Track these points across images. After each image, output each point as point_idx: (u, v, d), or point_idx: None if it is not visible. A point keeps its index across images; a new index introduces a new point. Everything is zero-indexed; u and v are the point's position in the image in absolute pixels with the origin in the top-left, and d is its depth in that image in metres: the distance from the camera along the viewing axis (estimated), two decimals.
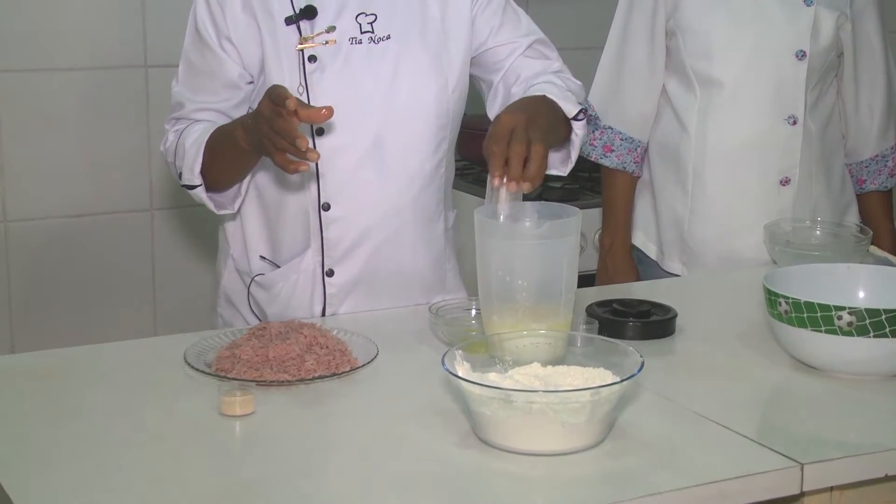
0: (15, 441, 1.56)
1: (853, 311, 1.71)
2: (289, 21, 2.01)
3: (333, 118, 1.81)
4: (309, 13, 2.01)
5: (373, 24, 2.04)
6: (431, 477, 1.47)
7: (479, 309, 1.86)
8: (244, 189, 2.08)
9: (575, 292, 1.79)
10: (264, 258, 2.13)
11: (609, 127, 2.63)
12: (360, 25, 2.04)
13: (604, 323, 1.93)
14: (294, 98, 1.76)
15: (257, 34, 2.02)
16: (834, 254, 2.27)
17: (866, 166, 2.69)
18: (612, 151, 2.63)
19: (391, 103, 2.04)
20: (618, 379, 1.52)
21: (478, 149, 2.27)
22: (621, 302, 2.00)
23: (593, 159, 2.65)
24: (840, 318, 1.72)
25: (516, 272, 1.75)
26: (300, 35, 2.01)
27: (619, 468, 1.48)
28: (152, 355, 1.88)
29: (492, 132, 1.83)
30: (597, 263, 2.76)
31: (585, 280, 2.21)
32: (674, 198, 2.60)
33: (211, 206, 2.06)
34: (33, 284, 3.09)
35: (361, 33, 2.04)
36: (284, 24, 2.01)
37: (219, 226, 2.21)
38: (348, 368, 1.77)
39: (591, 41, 3.01)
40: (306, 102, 1.96)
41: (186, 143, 2.03)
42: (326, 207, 2.06)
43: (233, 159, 1.99)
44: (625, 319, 1.95)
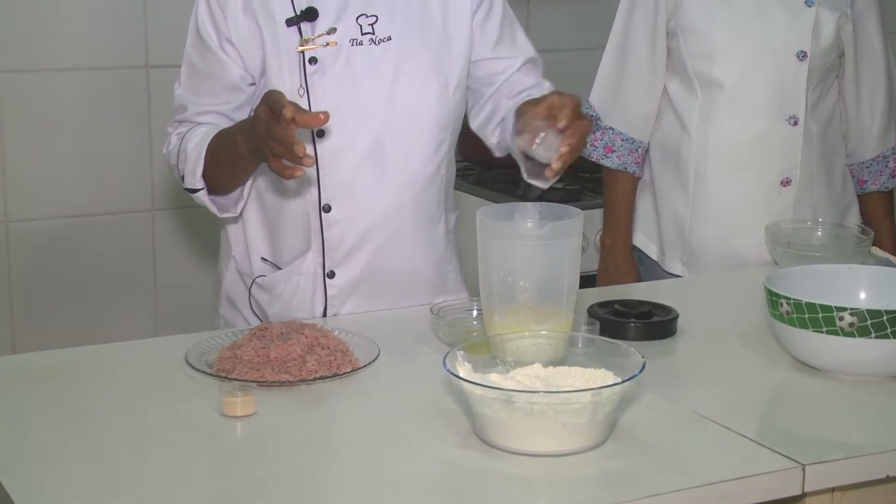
0: (16, 441, 1.56)
1: (854, 312, 1.71)
2: (290, 22, 2.01)
3: (334, 120, 1.81)
4: (310, 15, 2.01)
5: (374, 26, 2.04)
6: (432, 477, 1.47)
7: (481, 310, 1.86)
8: (247, 192, 2.08)
9: (577, 293, 1.79)
10: (265, 260, 2.13)
11: (610, 128, 2.62)
12: (361, 27, 2.04)
13: (605, 324, 1.93)
14: (291, 106, 1.75)
15: (258, 36, 2.02)
16: (835, 254, 2.27)
17: (867, 167, 2.68)
18: (613, 152, 2.62)
19: (392, 105, 2.04)
20: (619, 380, 1.52)
21: (478, 150, 2.28)
22: (622, 303, 2.00)
23: (594, 160, 2.65)
24: (841, 319, 1.72)
25: (518, 273, 1.75)
26: (301, 36, 2.01)
27: (621, 469, 1.48)
28: (153, 356, 1.88)
29: (550, 100, 1.82)
30: (598, 264, 2.77)
31: (587, 281, 2.20)
32: (675, 198, 2.60)
33: (213, 210, 2.06)
34: (34, 285, 3.09)
35: (362, 35, 2.04)
36: (285, 26, 2.01)
37: (220, 227, 2.21)
38: (349, 369, 1.77)
39: (592, 42, 3.02)
40: (303, 107, 1.96)
41: (189, 147, 2.02)
42: (327, 209, 2.06)
43: (234, 164, 1.98)
44: (626, 320, 1.95)
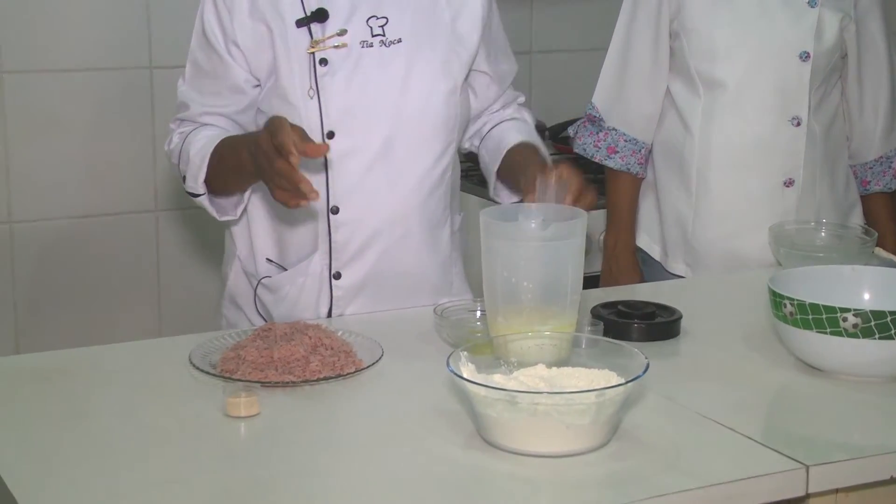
0: (20, 442, 1.56)
1: (858, 313, 1.71)
2: (300, 23, 2.01)
3: (343, 121, 1.81)
4: (320, 16, 2.01)
5: (384, 28, 2.04)
6: (436, 478, 1.47)
7: (484, 310, 1.86)
8: (246, 196, 2.08)
9: (580, 294, 1.79)
10: (271, 261, 2.13)
11: (613, 128, 2.62)
12: (372, 28, 2.04)
13: (609, 324, 1.93)
14: (291, 139, 1.75)
15: (266, 38, 2.02)
16: (839, 255, 2.27)
17: (871, 167, 2.68)
18: (616, 153, 2.62)
19: (402, 107, 2.04)
20: (623, 380, 1.52)
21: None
22: (626, 303, 2.00)
23: (597, 161, 2.65)
24: (845, 320, 1.72)
25: (522, 274, 1.75)
26: (311, 38, 2.01)
27: (624, 470, 1.48)
28: (157, 356, 1.88)
29: (560, 172, 1.89)
30: (601, 265, 2.76)
31: (590, 281, 2.20)
32: (678, 199, 2.60)
33: (213, 213, 2.06)
34: (38, 285, 3.09)
35: (372, 36, 2.04)
36: (295, 27, 2.01)
37: (225, 228, 2.21)
38: (353, 370, 1.77)
39: (595, 43, 3.02)
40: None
41: (191, 152, 2.02)
42: (335, 211, 2.05)
43: (237, 176, 1.99)
44: (630, 321, 1.95)
